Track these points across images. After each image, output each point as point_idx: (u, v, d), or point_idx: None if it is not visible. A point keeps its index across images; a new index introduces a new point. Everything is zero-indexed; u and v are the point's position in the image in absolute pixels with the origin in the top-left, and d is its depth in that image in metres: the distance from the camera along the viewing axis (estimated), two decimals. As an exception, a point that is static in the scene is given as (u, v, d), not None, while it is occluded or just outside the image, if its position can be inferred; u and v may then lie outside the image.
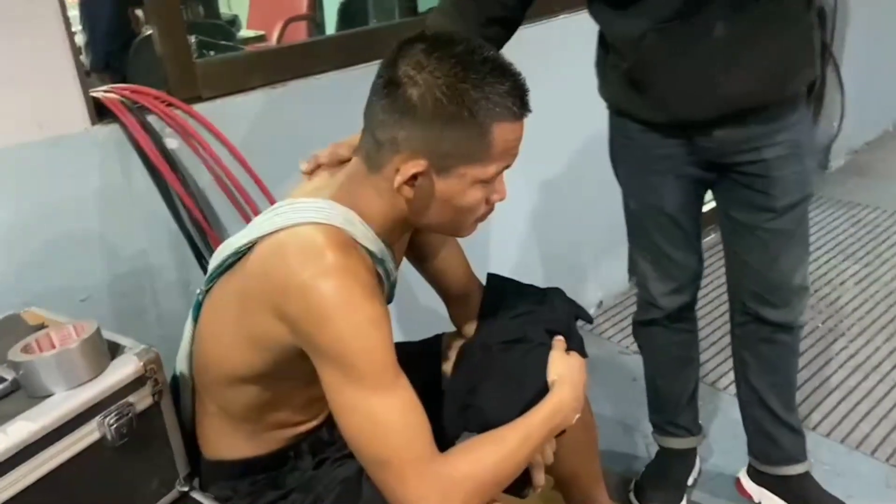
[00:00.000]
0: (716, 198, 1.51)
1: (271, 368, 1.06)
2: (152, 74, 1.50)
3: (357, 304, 0.95)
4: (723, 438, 1.96)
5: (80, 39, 2.20)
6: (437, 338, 1.40)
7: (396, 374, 0.98)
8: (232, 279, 1.07)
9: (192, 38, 1.48)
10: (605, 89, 1.46)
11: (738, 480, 1.81)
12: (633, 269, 1.64)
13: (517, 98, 0.98)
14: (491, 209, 1.07)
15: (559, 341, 1.22)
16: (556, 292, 1.31)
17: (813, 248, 2.88)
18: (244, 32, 2.85)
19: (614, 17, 1.31)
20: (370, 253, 1.06)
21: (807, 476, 1.71)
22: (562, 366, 1.17)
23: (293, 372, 1.04)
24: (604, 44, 1.41)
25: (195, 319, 1.16)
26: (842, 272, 2.74)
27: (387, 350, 0.97)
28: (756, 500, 1.77)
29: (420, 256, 1.31)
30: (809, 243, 1.53)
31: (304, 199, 1.06)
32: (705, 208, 1.55)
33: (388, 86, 0.97)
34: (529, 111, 1.01)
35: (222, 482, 1.19)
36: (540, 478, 1.16)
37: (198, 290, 1.16)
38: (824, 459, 1.88)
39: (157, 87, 1.43)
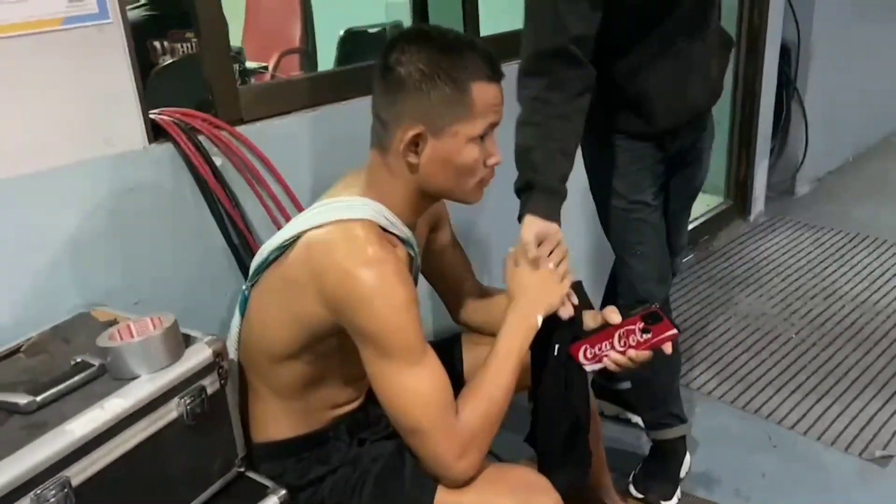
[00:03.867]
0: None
1: (312, 343, 1.21)
2: (175, 100, 1.61)
3: (392, 290, 1.12)
4: (705, 438, 2.11)
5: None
6: (457, 337, 1.53)
7: (424, 349, 1.15)
8: (277, 270, 1.23)
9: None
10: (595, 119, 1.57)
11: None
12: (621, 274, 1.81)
13: (486, 63, 1.17)
14: (491, 173, 1.24)
15: (509, 255, 1.32)
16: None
17: (784, 266, 3.10)
18: (249, 64, 2.99)
19: (612, 60, 1.53)
20: (400, 239, 1.23)
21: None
22: (513, 286, 1.29)
23: (332, 347, 1.20)
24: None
25: (242, 312, 1.31)
26: (811, 288, 2.93)
27: (417, 328, 1.14)
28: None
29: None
30: None
31: (338, 199, 1.23)
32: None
33: (382, 72, 1.17)
34: (502, 75, 1.19)
35: (270, 462, 1.32)
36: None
37: (244, 286, 1.32)
38: (801, 455, 2.05)
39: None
